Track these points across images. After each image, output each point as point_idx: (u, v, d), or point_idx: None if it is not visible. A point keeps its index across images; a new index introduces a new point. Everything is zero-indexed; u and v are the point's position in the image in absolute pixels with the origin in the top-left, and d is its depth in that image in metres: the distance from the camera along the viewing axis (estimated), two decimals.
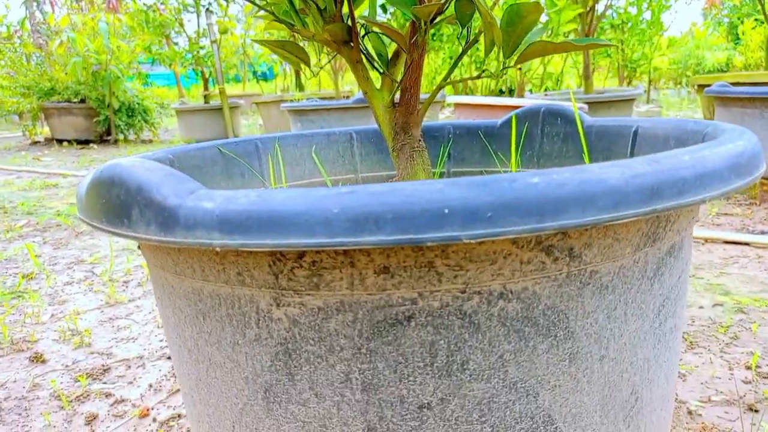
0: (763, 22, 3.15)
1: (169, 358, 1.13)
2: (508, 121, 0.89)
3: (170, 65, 4.38)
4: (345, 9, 0.67)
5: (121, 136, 5.40)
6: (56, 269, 1.75)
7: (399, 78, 0.69)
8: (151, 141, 5.54)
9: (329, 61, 0.89)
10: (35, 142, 5.72)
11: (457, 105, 2.77)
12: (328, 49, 0.67)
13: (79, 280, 1.64)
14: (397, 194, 0.35)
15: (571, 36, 3.57)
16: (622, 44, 3.90)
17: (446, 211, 0.34)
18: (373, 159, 0.94)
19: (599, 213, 0.35)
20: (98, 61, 4.86)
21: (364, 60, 0.68)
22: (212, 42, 4.03)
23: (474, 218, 0.34)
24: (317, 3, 0.66)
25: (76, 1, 5.83)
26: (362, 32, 0.64)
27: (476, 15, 0.59)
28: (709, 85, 2.83)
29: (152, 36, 4.32)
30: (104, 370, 1.09)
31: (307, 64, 0.75)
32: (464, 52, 0.62)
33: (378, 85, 0.70)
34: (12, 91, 5.33)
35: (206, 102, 4.54)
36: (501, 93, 3.95)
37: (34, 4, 6.08)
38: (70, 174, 3.61)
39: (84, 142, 5.38)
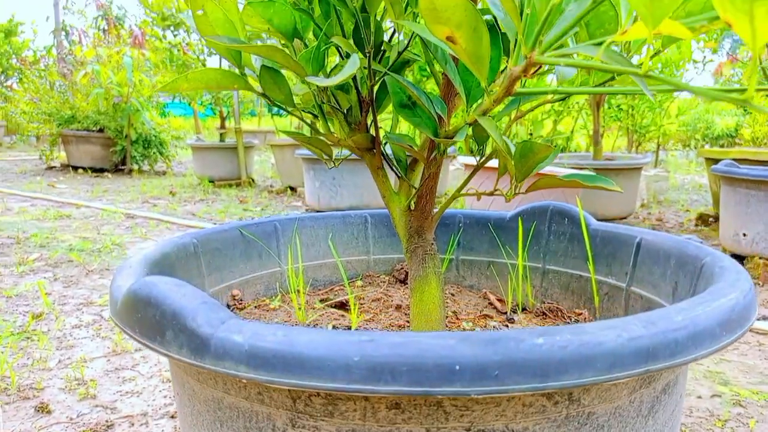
0: None
1: (172, 416, 1.15)
2: (517, 216, 0.93)
3: (189, 103, 4.49)
4: (369, 117, 0.72)
5: (135, 167, 5.50)
6: (65, 310, 1.78)
7: (416, 182, 0.73)
8: (164, 173, 5.63)
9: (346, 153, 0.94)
10: (51, 167, 5.82)
11: (467, 165, 2.82)
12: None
13: (87, 323, 1.67)
14: (412, 347, 0.38)
15: (582, 100, 3.67)
16: (633, 110, 3.98)
17: (457, 367, 0.37)
18: (386, 242, 0.98)
19: (597, 374, 0.38)
20: (120, 94, 4.99)
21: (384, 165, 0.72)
22: None
23: (482, 375, 0.37)
24: (343, 110, 0.70)
25: (103, 33, 6.01)
26: (384, 140, 0.69)
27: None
28: (717, 161, 2.88)
29: (174, 74, 4.45)
30: (108, 427, 1.10)
31: (330, 157, 0.80)
32: (479, 167, 0.66)
33: (396, 186, 0.74)
34: (34, 117, 5.46)
35: (222, 140, 4.63)
36: None
37: (63, 33, 6.27)
38: (83, 205, 3.67)
39: (99, 171, 5.47)
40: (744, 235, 2.18)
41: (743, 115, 7.64)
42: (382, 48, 0.68)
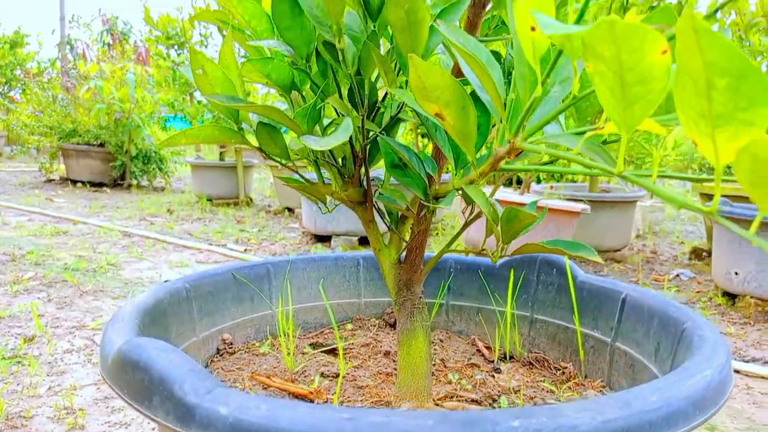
0: None
1: None
2: (507, 264, 0.95)
3: (191, 120, 4.52)
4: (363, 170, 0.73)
5: (134, 182, 5.51)
6: (57, 333, 1.78)
7: (406, 235, 0.75)
8: (163, 189, 5.64)
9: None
10: (50, 180, 5.84)
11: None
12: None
13: (79, 348, 1.67)
14: (390, 427, 0.39)
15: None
16: (629, 142, 4.02)
17: None
18: (377, 285, 0.99)
19: None
20: (122, 109, 5.02)
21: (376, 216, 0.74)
22: None
23: None
24: (337, 165, 0.72)
25: (108, 48, 6.07)
26: (376, 198, 0.70)
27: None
28: (711, 196, 2.90)
29: (176, 93, 4.49)
30: None
31: (324, 202, 0.81)
32: (466, 225, 0.68)
33: (387, 238, 0.76)
34: (35, 129, 5.49)
35: (221, 159, 4.66)
36: (509, 183, 4.04)
37: (67, 47, 6.32)
38: (80, 221, 3.68)
39: (97, 185, 5.49)
40: (736, 273, 2.19)
41: None
42: (377, 105, 0.70)
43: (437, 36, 0.57)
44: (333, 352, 0.87)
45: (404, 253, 0.73)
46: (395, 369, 0.82)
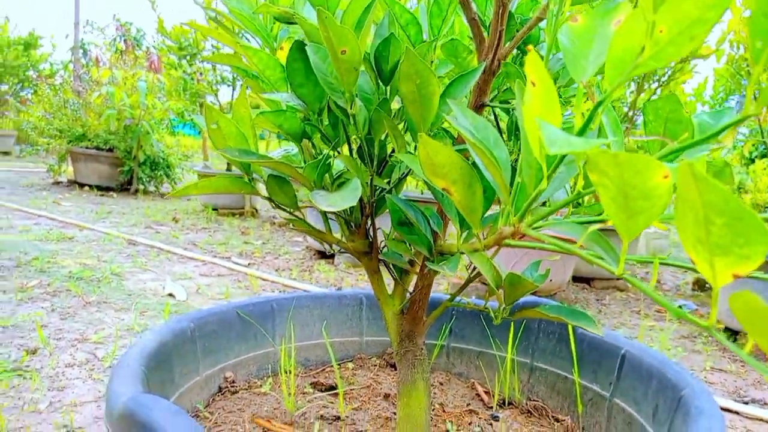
0: None
1: None
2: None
3: (200, 131, 4.55)
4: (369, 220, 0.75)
5: (141, 187, 5.55)
6: (60, 345, 1.79)
7: (410, 286, 0.76)
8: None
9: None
10: (57, 182, 5.88)
11: None
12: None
13: (80, 362, 1.68)
14: None
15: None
16: None
17: None
18: (380, 324, 1.00)
19: None
20: (132, 116, 5.06)
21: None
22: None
23: None
24: (345, 217, 0.73)
25: (121, 54, 6.13)
26: (381, 255, 0.71)
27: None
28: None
29: (187, 103, 4.53)
30: None
31: (331, 246, 0.82)
32: (468, 282, 0.69)
33: (391, 287, 0.77)
34: (46, 132, 5.53)
35: (228, 169, 4.68)
36: None
37: (81, 51, 6.38)
38: (86, 227, 3.71)
39: (105, 189, 5.52)
40: None
41: (746, 173, 7.70)
42: (386, 160, 0.72)
43: (448, 105, 0.58)
44: (333, 391, 0.87)
45: (407, 305, 0.74)
46: (394, 413, 0.83)
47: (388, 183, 0.71)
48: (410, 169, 0.67)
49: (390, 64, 0.60)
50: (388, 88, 0.63)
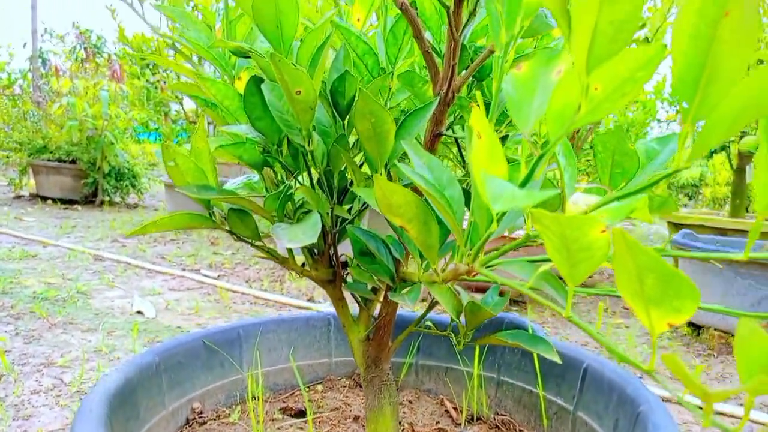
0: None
1: None
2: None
3: (165, 140, 4.49)
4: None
5: (107, 199, 5.44)
6: (25, 371, 1.75)
7: (375, 312, 0.76)
8: (136, 206, 5.57)
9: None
10: (19, 197, 5.72)
11: None
12: None
13: (47, 388, 1.64)
14: None
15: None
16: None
17: None
18: (348, 345, 1.00)
19: None
20: (94, 126, 4.96)
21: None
22: (209, 124, 4.16)
23: None
24: (308, 246, 0.74)
25: (82, 63, 6.01)
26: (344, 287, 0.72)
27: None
28: (680, 225, 2.99)
29: (150, 113, 4.46)
30: None
31: (298, 272, 0.82)
32: (430, 308, 0.70)
33: (355, 312, 0.77)
34: (5, 145, 5.39)
35: None
36: None
37: (39, 61, 6.23)
38: (50, 243, 3.62)
39: (68, 202, 5.40)
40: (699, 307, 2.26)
41: (707, 166, 7.93)
42: (347, 188, 0.72)
43: (405, 139, 0.59)
44: (303, 417, 0.88)
45: (372, 332, 0.74)
46: None
47: (350, 211, 0.71)
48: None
49: (346, 99, 0.61)
50: (346, 121, 0.63)
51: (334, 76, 0.63)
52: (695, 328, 2.39)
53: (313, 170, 0.70)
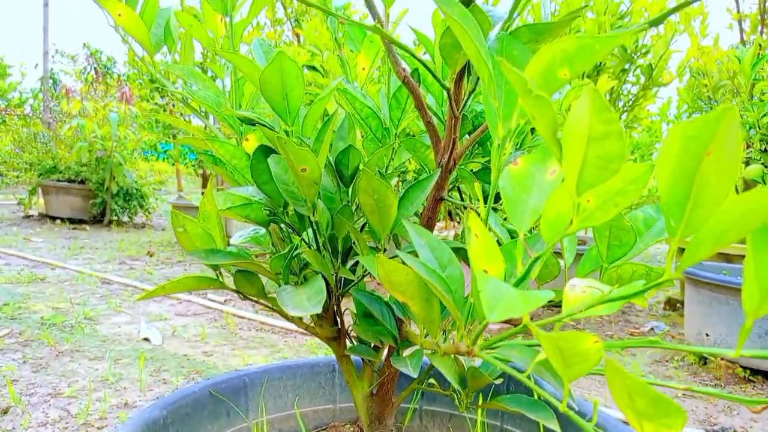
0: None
1: None
2: None
3: (174, 163, 4.54)
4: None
5: (115, 218, 5.48)
6: (32, 402, 1.77)
7: (378, 367, 0.77)
8: (144, 225, 5.61)
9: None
10: (28, 216, 5.78)
11: None
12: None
13: (53, 420, 1.65)
14: None
15: None
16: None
17: None
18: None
19: None
20: (103, 147, 5.02)
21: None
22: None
23: None
24: None
25: (93, 83, 6.09)
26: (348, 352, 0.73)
27: None
28: (683, 249, 2.98)
29: (159, 136, 4.51)
30: None
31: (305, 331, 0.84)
32: (428, 370, 0.71)
33: (360, 368, 0.78)
34: (15, 165, 5.45)
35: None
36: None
37: (50, 81, 6.32)
38: (59, 265, 3.65)
39: (77, 222, 5.44)
40: (707, 335, 2.25)
41: None
42: (351, 247, 0.74)
43: (407, 209, 0.60)
44: None
45: (376, 388, 0.75)
46: None
47: (354, 270, 0.73)
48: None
49: (350, 170, 0.62)
50: (350, 189, 0.65)
51: (339, 144, 0.65)
52: (702, 357, 2.38)
53: (317, 232, 0.71)
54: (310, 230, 0.73)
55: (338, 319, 0.74)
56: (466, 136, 0.69)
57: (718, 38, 2.84)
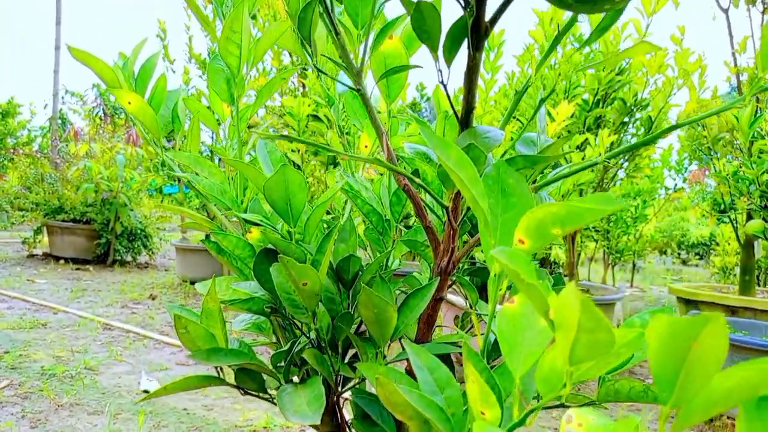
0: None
1: None
2: None
3: (180, 204, 4.57)
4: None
5: (118, 258, 5.49)
6: None
7: None
8: (147, 265, 5.62)
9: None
10: (32, 255, 5.80)
11: None
12: None
13: None
14: None
15: None
16: (608, 233, 4.13)
17: None
18: None
19: None
20: (109, 188, 5.06)
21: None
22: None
23: None
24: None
25: (101, 123, 6.18)
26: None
27: None
28: (687, 300, 2.97)
29: (164, 178, 4.56)
30: None
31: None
32: None
33: None
34: (21, 205, 5.50)
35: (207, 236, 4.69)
36: None
37: (59, 121, 6.42)
38: (61, 309, 3.65)
39: (81, 262, 5.46)
40: None
41: (717, 225, 7.90)
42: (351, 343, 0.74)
43: (407, 317, 0.61)
44: None
45: None
46: None
47: (353, 366, 0.73)
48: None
49: (351, 274, 0.64)
50: (350, 291, 0.66)
51: (340, 246, 0.66)
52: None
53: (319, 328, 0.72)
54: (312, 332, 0.74)
55: (338, 415, 0.74)
56: (464, 248, 0.71)
57: (716, 90, 2.89)
